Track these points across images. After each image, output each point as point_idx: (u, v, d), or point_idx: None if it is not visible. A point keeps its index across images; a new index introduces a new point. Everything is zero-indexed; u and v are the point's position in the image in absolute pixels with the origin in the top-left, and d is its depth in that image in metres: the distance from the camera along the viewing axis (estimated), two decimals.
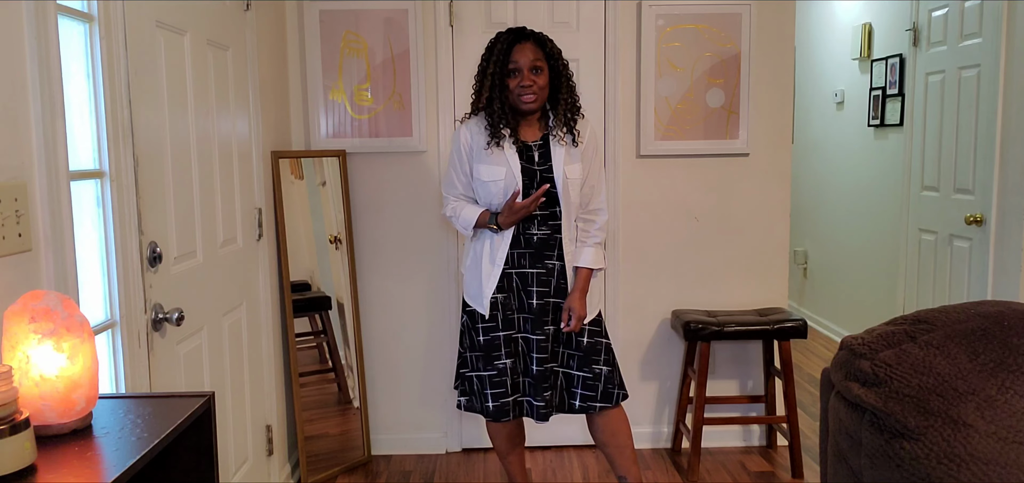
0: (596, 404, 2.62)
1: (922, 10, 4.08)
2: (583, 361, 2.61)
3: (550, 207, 2.59)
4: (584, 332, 2.62)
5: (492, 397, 2.59)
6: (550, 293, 2.60)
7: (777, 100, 3.46)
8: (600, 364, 2.62)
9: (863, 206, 4.99)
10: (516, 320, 2.62)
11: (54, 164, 1.57)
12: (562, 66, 2.58)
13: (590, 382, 2.61)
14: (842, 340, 1.68)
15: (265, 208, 2.97)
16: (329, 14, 3.32)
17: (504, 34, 2.56)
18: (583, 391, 2.62)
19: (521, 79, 2.51)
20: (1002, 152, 3.35)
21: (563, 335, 2.62)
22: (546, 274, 2.60)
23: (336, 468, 3.34)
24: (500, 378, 2.59)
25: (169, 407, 1.35)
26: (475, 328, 2.64)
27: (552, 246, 2.60)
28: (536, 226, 2.59)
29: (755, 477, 3.32)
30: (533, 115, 2.60)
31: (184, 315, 2.12)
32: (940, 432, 1.44)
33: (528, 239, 2.59)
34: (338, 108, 3.39)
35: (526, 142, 2.60)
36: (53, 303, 1.21)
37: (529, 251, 2.59)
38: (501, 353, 2.59)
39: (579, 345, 2.62)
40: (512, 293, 2.61)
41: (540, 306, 2.59)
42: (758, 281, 3.55)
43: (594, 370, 2.61)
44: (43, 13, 1.54)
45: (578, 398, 2.62)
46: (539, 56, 2.53)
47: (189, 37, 2.30)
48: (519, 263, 2.60)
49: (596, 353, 2.62)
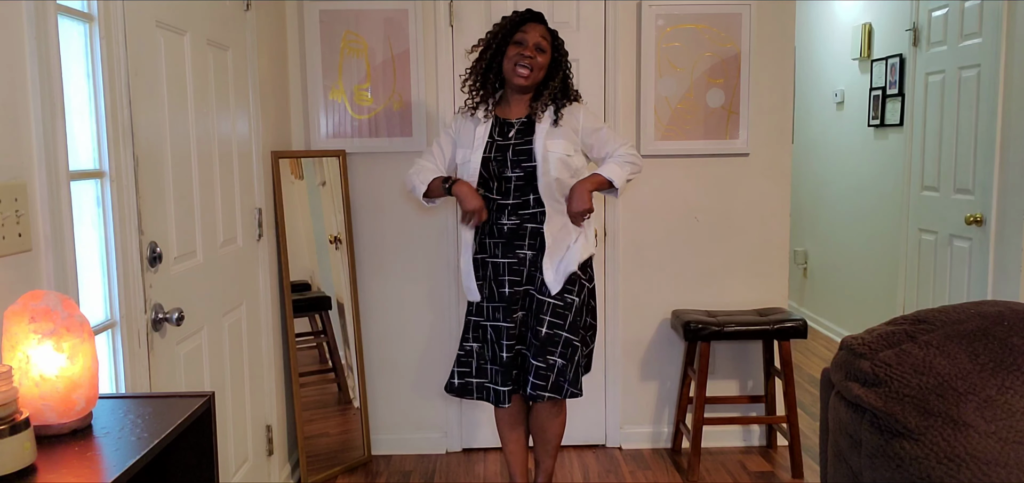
0: (544, 394, 2.63)
1: (922, 10, 4.08)
2: (539, 351, 2.62)
3: (521, 196, 2.62)
4: (543, 323, 2.61)
5: (458, 374, 2.75)
6: (522, 282, 2.64)
7: (777, 100, 3.46)
8: (556, 356, 2.63)
9: (863, 206, 4.99)
10: (486, 308, 2.69)
11: (54, 164, 1.57)
12: (563, 57, 2.69)
13: (542, 372, 2.62)
14: (842, 340, 1.68)
15: (265, 208, 2.97)
16: (329, 14, 3.32)
17: (513, 15, 2.66)
18: (534, 380, 2.63)
19: (523, 50, 2.59)
20: (1002, 152, 3.35)
21: (531, 321, 2.65)
22: (518, 264, 2.64)
23: (336, 468, 3.34)
24: (466, 358, 2.75)
25: (169, 407, 1.35)
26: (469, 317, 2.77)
27: (522, 236, 2.64)
28: (506, 215, 2.64)
29: (755, 477, 3.32)
30: (524, 94, 2.66)
31: (184, 315, 2.12)
32: (940, 432, 1.44)
33: (499, 229, 2.65)
34: (338, 108, 3.39)
35: (507, 119, 2.66)
36: (53, 303, 1.21)
37: (501, 241, 2.65)
38: (469, 336, 2.73)
39: (537, 335, 2.63)
40: (486, 282, 2.68)
41: (511, 294, 2.64)
42: (758, 281, 3.55)
43: (548, 361, 2.62)
44: (43, 13, 1.54)
45: (529, 385, 2.64)
46: (543, 40, 2.62)
47: (189, 37, 2.30)
48: (492, 252, 2.67)
49: (553, 344, 2.63)
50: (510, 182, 2.62)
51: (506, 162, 2.62)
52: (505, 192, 2.63)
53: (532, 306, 2.65)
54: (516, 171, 2.61)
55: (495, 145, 2.64)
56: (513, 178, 2.62)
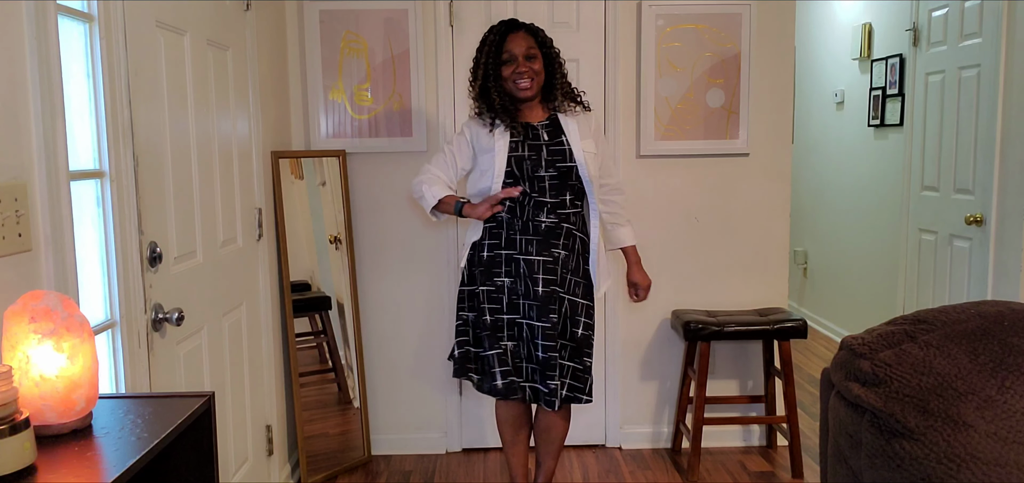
0: (582, 397, 2.65)
1: (922, 10, 4.08)
2: (575, 352, 2.64)
3: (559, 195, 2.62)
4: (579, 324, 2.64)
5: (501, 375, 2.65)
6: (556, 282, 2.62)
7: (777, 100, 3.46)
8: (591, 357, 2.67)
9: (863, 206, 4.99)
10: (521, 306, 2.64)
11: (54, 164, 1.57)
12: (555, 54, 2.67)
13: (580, 374, 2.64)
14: (842, 340, 1.68)
15: (265, 208, 2.97)
16: (329, 14, 3.32)
17: (496, 26, 2.64)
18: (572, 381, 2.64)
19: (516, 66, 2.59)
20: (1002, 152, 3.35)
21: (560, 325, 2.63)
22: (552, 262, 2.61)
23: (336, 468, 3.34)
24: (504, 357, 2.66)
25: (169, 407, 1.35)
26: (481, 307, 2.67)
27: (558, 235, 2.63)
28: (545, 213, 2.62)
29: (755, 477, 3.32)
30: (532, 101, 2.66)
31: (184, 315, 2.12)
32: (940, 432, 1.44)
33: (536, 226, 2.62)
34: (338, 108, 3.39)
35: (531, 123, 2.65)
36: (53, 303, 1.21)
37: (536, 238, 2.62)
38: (504, 335, 2.67)
39: (574, 337, 2.64)
40: (519, 279, 2.63)
41: (545, 293, 2.60)
42: (758, 281, 3.55)
43: (585, 362, 2.65)
44: (43, 13, 1.54)
45: (566, 387, 2.64)
46: (532, 44, 2.61)
47: (189, 37, 2.30)
48: (526, 250, 2.62)
49: (588, 346, 2.66)
50: (544, 181, 2.61)
51: (540, 161, 2.60)
52: (541, 190, 2.61)
53: (562, 308, 2.63)
54: (550, 171, 2.60)
55: (528, 144, 2.61)
56: (547, 177, 2.61)
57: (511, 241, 2.64)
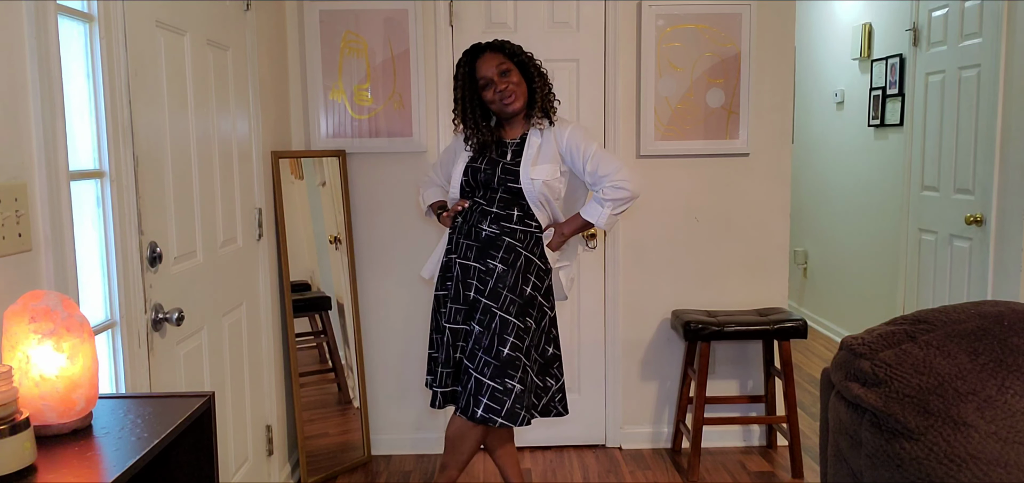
0: (497, 420, 2.51)
1: (922, 10, 4.08)
2: (498, 371, 2.51)
3: (507, 209, 2.62)
4: (506, 343, 2.52)
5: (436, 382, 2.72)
6: (485, 293, 2.57)
7: (777, 100, 3.46)
8: (515, 380, 2.51)
9: (863, 206, 4.99)
10: (449, 311, 2.67)
11: (54, 164, 1.57)
12: (527, 58, 2.66)
13: (499, 395, 2.51)
14: (842, 340, 1.68)
15: (265, 208, 2.97)
16: (329, 14, 3.32)
17: (462, 58, 2.67)
18: (489, 402, 2.51)
19: (495, 87, 2.60)
20: (1002, 152, 3.35)
21: (484, 340, 2.54)
22: (486, 273, 2.59)
23: (336, 468, 3.34)
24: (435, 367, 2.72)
25: (169, 407, 1.35)
26: (439, 311, 2.73)
27: (499, 246, 2.60)
28: (488, 222, 2.62)
29: (755, 477, 3.32)
30: (519, 115, 2.68)
31: (184, 315, 2.12)
32: (940, 432, 1.44)
33: (477, 233, 2.62)
34: (338, 108, 3.39)
35: (504, 139, 2.69)
36: (53, 303, 1.21)
37: (476, 245, 2.62)
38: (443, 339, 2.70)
39: (498, 355, 2.52)
40: (453, 281, 2.66)
41: (474, 301, 2.60)
42: (758, 281, 3.55)
43: (506, 385, 2.51)
44: (43, 13, 1.54)
45: (483, 407, 2.51)
46: (501, 60, 2.62)
47: (189, 37, 2.30)
48: (465, 254, 2.64)
49: (513, 369, 2.52)
50: (495, 193, 2.63)
51: (494, 176, 2.62)
52: (490, 200, 2.63)
53: (492, 324, 2.53)
54: (501, 188, 2.62)
55: (487, 159, 2.65)
56: (499, 190, 2.63)
57: (456, 245, 2.67)
